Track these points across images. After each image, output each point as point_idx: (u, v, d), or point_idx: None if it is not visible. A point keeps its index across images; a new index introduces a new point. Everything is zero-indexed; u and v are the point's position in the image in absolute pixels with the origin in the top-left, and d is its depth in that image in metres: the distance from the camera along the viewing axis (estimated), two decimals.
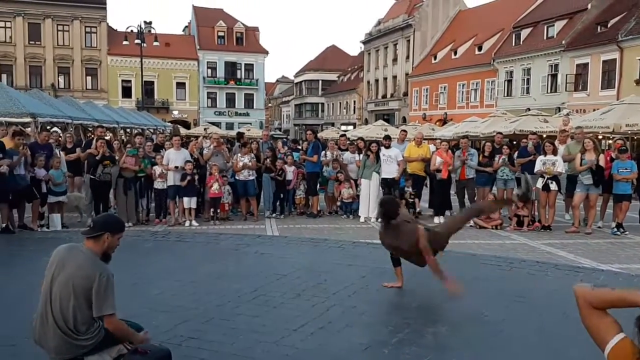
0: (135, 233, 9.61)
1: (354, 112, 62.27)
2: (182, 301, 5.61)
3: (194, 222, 10.63)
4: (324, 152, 12.55)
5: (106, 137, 12.86)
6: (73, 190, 11.58)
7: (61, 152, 11.12)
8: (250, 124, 49.73)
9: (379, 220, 6.20)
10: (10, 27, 47.97)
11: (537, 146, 11.12)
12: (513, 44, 37.99)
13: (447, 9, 51.42)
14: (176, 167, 10.59)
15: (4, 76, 46.20)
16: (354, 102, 62.40)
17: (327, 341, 4.62)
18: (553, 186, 10.31)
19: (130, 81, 51.53)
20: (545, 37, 35.13)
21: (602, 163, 10.12)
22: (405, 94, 51.28)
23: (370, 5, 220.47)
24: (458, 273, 6.93)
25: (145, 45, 35.64)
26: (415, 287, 6.24)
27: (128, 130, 27.87)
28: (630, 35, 28.08)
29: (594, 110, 21.87)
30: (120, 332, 3.36)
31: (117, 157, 10.73)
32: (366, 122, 53.13)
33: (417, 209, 11.82)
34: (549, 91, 34.24)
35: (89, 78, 50.76)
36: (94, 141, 11.01)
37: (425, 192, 12.56)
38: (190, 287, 6.16)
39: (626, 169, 10.07)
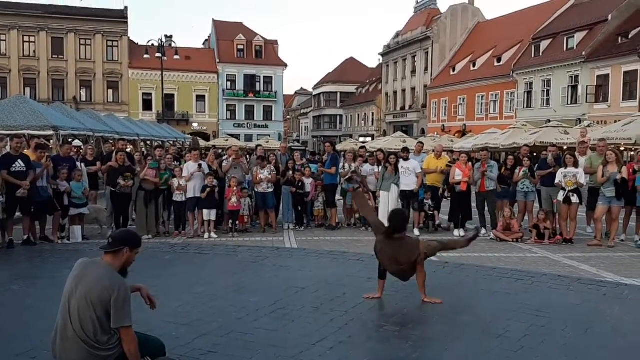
0: (154, 245, 9.67)
1: (373, 124, 62.29)
2: (201, 314, 5.62)
3: (213, 234, 10.67)
4: (342, 164, 12.57)
5: (127, 150, 13.04)
6: (95, 203, 11.73)
7: (83, 165, 11.26)
8: (269, 135, 50.13)
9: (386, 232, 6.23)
10: (34, 42, 49.08)
11: (557, 158, 11.00)
12: (532, 56, 37.77)
13: (466, 21, 51.41)
14: (200, 165, 10.74)
15: (27, 89, 47.26)
16: (373, 114, 62.45)
17: (347, 356, 4.59)
18: (574, 199, 10.18)
19: (150, 94, 52.24)
20: (565, 49, 34.89)
21: (624, 175, 9.97)
22: (424, 106, 51.20)
23: (388, 17, 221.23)
24: (477, 287, 6.90)
25: (165, 58, 36.12)
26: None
27: (148, 142, 28.17)
28: None
29: (616, 121, 21.59)
30: (134, 347, 3.37)
31: (137, 170, 10.86)
32: (385, 133, 53.12)
33: (437, 222, 11.75)
34: (569, 103, 33.92)
35: (110, 91, 51.63)
36: (114, 154, 11.14)
37: (446, 204, 12.46)
38: (210, 300, 6.17)
39: None
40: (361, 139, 52.57)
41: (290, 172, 11.79)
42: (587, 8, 37.32)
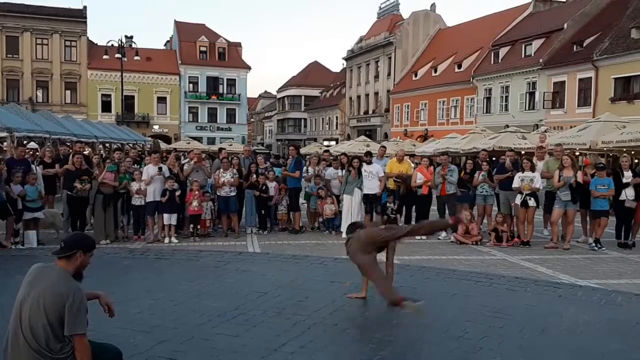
0: (113, 250, 9.49)
1: (337, 128, 62.55)
2: (161, 320, 5.52)
3: (173, 239, 10.50)
4: (305, 167, 12.56)
5: (84, 152, 12.74)
6: (52, 206, 11.41)
7: (38, 168, 10.94)
8: (233, 139, 49.66)
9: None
10: None
11: (514, 163, 11.25)
12: (492, 62, 38.57)
13: (428, 28, 52.20)
14: (160, 169, 10.58)
15: None
16: (337, 117, 62.70)
17: None
18: (531, 202, 10.42)
19: (110, 95, 51.15)
20: (523, 56, 35.74)
21: (579, 179, 10.26)
22: (387, 110, 51.71)
23: (352, 22, 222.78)
24: (438, 289, 6.99)
25: (125, 59, 35.44)
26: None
27: (107, 145, 27.57)
28: (604, 55, 28.72)
29: (571, 127, 22.21)
30: (87, 356, 3.28)
31: (95, 173, 10.61)
32: (348, 137, 53.41)
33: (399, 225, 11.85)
34: (527, 108, 34.76)
35: (68, 92, 50.31)
36: (71, 156, 10.86)
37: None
38: (170, 306, 6.07)
39: (604, 185, 10.22)
40: (325, 143, 52.69)
41: (254, 176, 11.71)
42: (544, 17, 38.40)
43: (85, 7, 50.94)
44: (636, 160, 17.14)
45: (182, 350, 4.70)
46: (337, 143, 50.41)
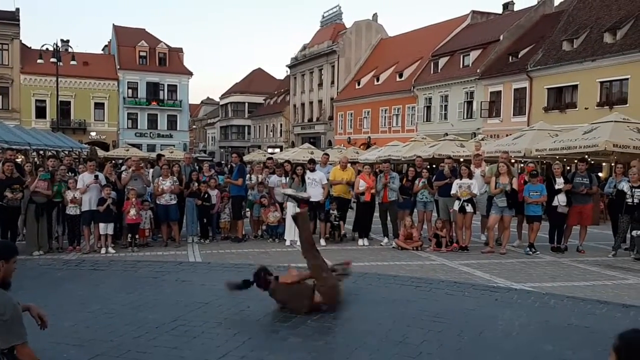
0: (46, 262, 9.10)
1: (281, 135, 62.48)
2: (96, 334, 5.32)
3: (110, 249, 10.16)
4: (249, 175, 12.46)
5: (17, 160, 12.18)
6: None
7: None
8: (174, 145, 48.76)
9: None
10: None
11: (453, 170, 11.54)
12: (432, 72, 39.56)
13: (370, 37, 53.07)
14: (96, 177, 10.27)
15: None
16: (281, 125, 62.64)
17: None
18: (469, 208, 10.70)
19: (44, 101, 49.24)
20: (461, 66, 36.85)
21: (515, 186, 10.62)
22: (331, 118, 52.10)
23: (296, 30, 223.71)
24: (379, 295, 7.06)
25: (61, 64, 34.25)
26: (337, 311, 6.25)
27: (41, 152, 26.47)
28: (538, 66, 29.99)
29: (507, 135, 23.03)
30: None
31: (27, 181, 10.14)
32: (293, 145, 53.45)
33: (342, 232, 11.93)
34: (465, 117, 35.81)
35: None
36: (0, 164, 10.35)
37: (351, 214, 12.69)
38: (105, 319, 5.85)
39: (537, 192, 10.62)
40: (269, 150, 52.54)
41: (196, 184, 11.49)
42: (482, 28, 39.77)
43: (18, 10, 48.75)
44: (568, 168, 17.91)
45: None
46: (281, 150, 50.35)
